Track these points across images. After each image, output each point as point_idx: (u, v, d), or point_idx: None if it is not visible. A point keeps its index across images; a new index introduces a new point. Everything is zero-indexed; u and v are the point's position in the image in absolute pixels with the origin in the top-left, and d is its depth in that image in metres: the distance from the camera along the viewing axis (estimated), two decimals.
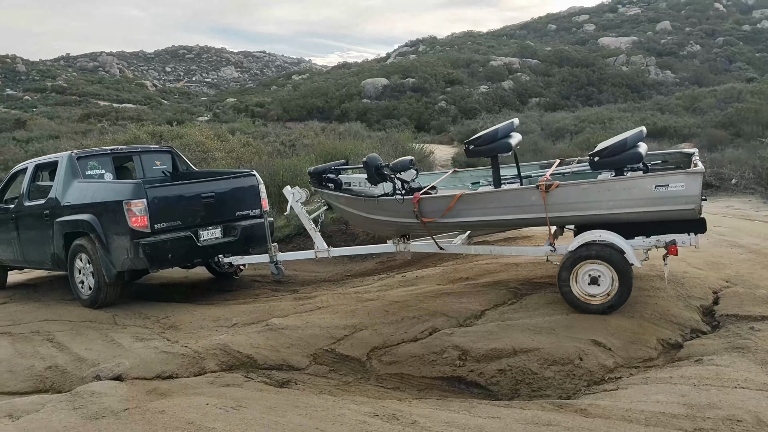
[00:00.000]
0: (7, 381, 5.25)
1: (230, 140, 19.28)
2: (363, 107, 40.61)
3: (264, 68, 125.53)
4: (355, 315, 5.87)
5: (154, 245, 6.86)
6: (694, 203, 4.92)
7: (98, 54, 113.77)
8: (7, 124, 44.46)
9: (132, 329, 6.40)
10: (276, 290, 7.79)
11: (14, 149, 26.85)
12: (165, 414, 3.75)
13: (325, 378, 4.90)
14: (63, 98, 72.52)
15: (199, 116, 47.85)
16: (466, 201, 5.69)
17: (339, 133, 27.41)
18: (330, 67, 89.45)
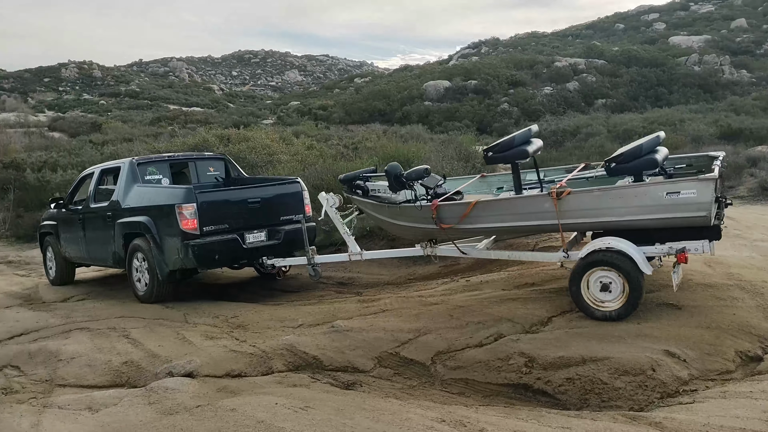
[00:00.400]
0: (87, 375, 5.48)
1: (294, 143, 19.58)
2: (424, 110, 40.56)
3: (327, 71, 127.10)
4: (419, 319, 5.88)
5: (202, 246, 7.29)
6: (706, 210, 4.87)
7: (169, 59, 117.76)
8: (84, 127, 46.53)
9: (202, 328, 6.59)
10: (340, 292, 7.88)
11: (90, 151, 28.04)
12: (236, 412, 3.84)
13: (389, 381, 4.92)
14: (135, 102, 75.36)
15: (264, 119, 48.83)
16: (481, 208, 5.81)
17: (401, 135, 27.45)
18: (392, 69, 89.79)
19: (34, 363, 5.81)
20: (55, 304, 8.44)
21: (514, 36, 77.14)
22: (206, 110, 67.02)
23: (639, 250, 5.12)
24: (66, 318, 7.32)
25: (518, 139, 6.01)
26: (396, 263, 8.95)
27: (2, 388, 5.22)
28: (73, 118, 56.99)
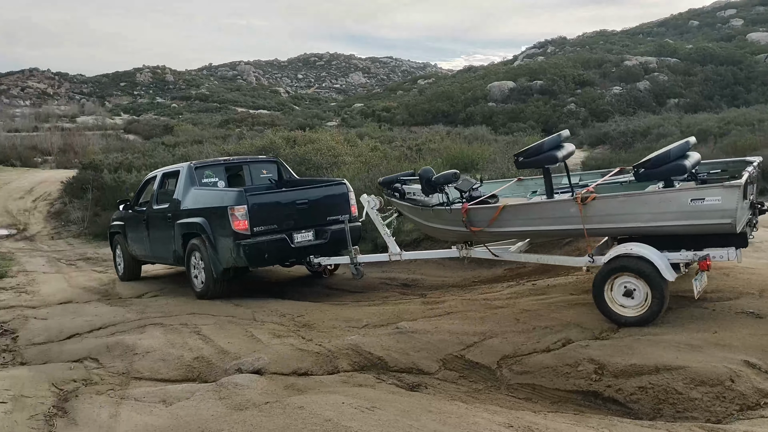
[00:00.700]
0: (161, 368, 5.67)
1: (359, 145, 19.74)
2: (488, 111, 40.15)
3: (390, 73, 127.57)
4: (484, 322, 5.82)
5: (252, 246, 7.63)
6: (731, 217, 4.82)
7: (237, 63, 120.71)
8: (157, 130, 48.27)
9: (269, 326, 6.72)
10: (404, 294, 7.89)
11: (163, 153, 29.04)
12: (304, 410, 3.90)
13: (454, 384, 4.90)
14: (205, 105, 77.60)
15: (328, 121, 49.44)
16: (509, 212, 5.98)
17: (464, 136, 27.27)
18: (455, 70, 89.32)
19: (112, 356, 6.06)
20: (131, 299, 8.79)
21: (582, 35, 75.37)
22: (272, 113, 68.39)
23: (662, 256, 5.12)
24: (141, 314, 7.61)
25: (547, 144, 6.08)
26: (460, 265, 8.90)
27: (82, 379, 5.46)
28: (147, 121, 59.22)
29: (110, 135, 47.70)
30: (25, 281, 10.70)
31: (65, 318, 7.67)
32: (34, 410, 4.57)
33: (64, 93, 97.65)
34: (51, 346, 6.65)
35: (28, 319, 7.76)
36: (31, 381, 5.29)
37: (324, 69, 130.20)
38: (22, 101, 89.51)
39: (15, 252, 15.40)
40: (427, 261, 9.09)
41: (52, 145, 40.20)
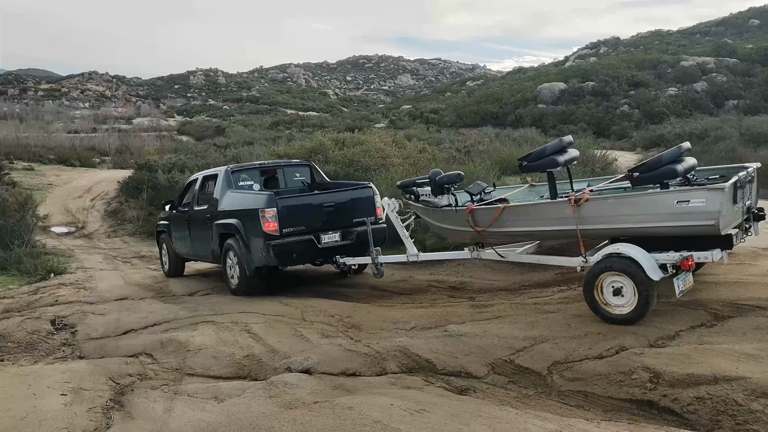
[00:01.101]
0: (212, 366, 5.78)
1: (407, 146, 19.73)
2: (538, 112, 39.64)
3: (439, 75, 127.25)
4: (534, 326, 5.74)
5: (281, 246, 8.03)
6: (714, 219, 5.02)
7: (287, 66, 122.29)
8: (209, 131, 49.30)
9: (318, 326, 6.77)
10: (453, 296, 7.84)
11: (214, 154, 29.63)
12: (353, 410, 3.91)
13: (504, 389, 4.84)
14: (256, 107, 78.82)
15: (376, 123, 49.62)
16: (510, 213, 6.34)
17: (513, 139, 26.97)
18: (505, 72, 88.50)
19: (166, 352, 6.21)
20: (183, 297, 8.98)
21: (636, 35, 73.65)
22: (321, 114, 69.05)
23: (650, 256, 5.32)
24: (193, 311, 7.77)
25: (549, 149, 6.40)
26: (509, 269, 8.78)
27: (138, 374, 5.61)
28: (199, 123, 60.59)
29: (164, 136, 48.95)
30: (83, 277, 11.06)
31: (121, 314, 7.89)
32: (92, 403, 4.71)
33: (121, 95, 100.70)
34: (108, 341, 6.85)
35: (87, 314, 8.01)
36: (89, 374, 5.46)
37: (373, 71, 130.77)
38: (81, 103, 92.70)
39: (74, 249, 15.94)
40: (475, 264, 9.00)
41: (110, 145, 41.50)
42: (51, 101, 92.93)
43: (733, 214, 5.34)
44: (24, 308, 8.57)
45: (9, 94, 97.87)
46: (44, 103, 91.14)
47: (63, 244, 16.82)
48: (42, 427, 4.15)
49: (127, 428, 4.26)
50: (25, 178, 26.69)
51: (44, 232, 18.26)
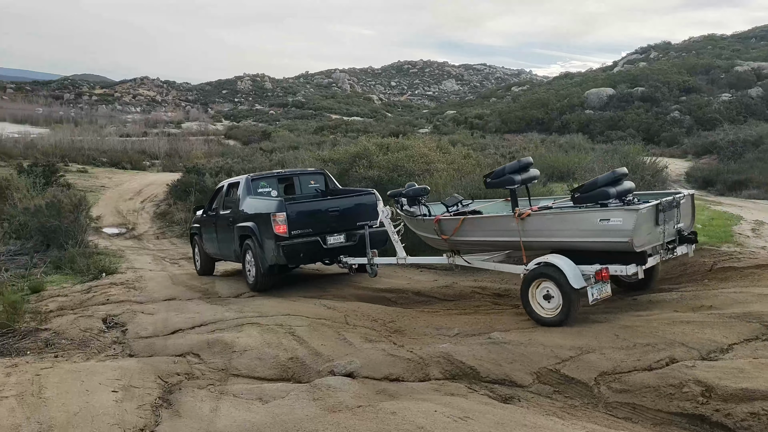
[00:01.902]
0: (257, 367, 5.85)
1: (451, 152, 19.67)
2: (585, 118, 38.99)
3: (484, 80, 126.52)
4: (581, 336, 5.64)
5: (290, 246, 8.80)
6: (628, 237, 5.70)
7: (332, 71, 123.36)
8: (255, 135, 50.07)
9: (361, 330, 6.79)
10: (497, 303, 7.76)
11: (260, 158, 30.07)
12: (396, 416, 3.91)
13: (549, 398, 4.77)
14: (301, 112, 79.66)
15: (420, 128, 49.61)
16: (468, 224, 7.12)
17: (559, 145, 26.63)
18: (551, 77, 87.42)
19: (212, 352, 6.31)
20: (229, 299, 9.13)
21: (687, 39, 71.79)
22: (365, 119, 69.41)
23: (575, 267, 5.97)
24: (239, 312, 7.88)
25: (508, 168, 7.10)
26: None
27: (185, 373, 5.72)
28: (246, 127, 61.60)
29: (212, 140, 49.93)
30: (133, 277, 11.34)
31: (169, 314, 8.06)
32: (141, 400, 4.83)
33: (171, 100, 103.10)
34: (156, 340, 7.00)
35: (136, 313, 8.21)
36: (138, 372, 5.59)
37: (417, 76, 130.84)
38: (133, 108, 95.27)
39: (124, 250, 16.37)
40: None
41: (159, 149, 42.54)
42: (104, 105, 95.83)
43: (654, 234, 6.00)
44: (77, 306, 8.84)
45: (65, 98, 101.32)
46: (98, 107, 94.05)
47: (114, 245, 17.29)
48: (94, 423, 4.26)
49: (176, 426, 4.35)
50: (79, 180, 27.58)
51: (96, 233, 18.83)
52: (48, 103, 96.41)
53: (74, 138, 44.26)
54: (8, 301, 7.68)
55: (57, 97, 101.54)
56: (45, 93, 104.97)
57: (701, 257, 7.51)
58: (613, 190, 6.15)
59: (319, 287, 9.45)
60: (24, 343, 6.78)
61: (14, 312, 7.53)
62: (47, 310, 8.59)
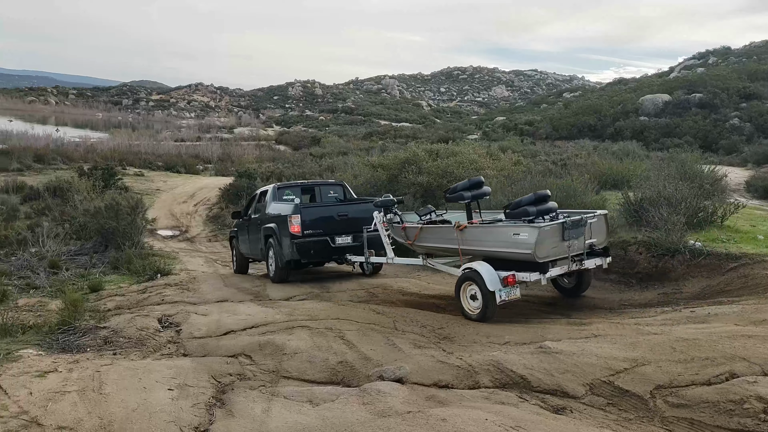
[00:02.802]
0: (307, 370, 5.91)
1: (501, 158, 19.52)
2: (640, 125, 38.16)
3: (534, 86, 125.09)
4: (636, 348, 5.51)
5: (302, 244, 10.15)
6: (531, 249, 6.78)
7: (382, 77, 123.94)
8: (305, 141, 50.70)
9: (410, 336, 6.79)
10: (547, 312, 7.66)
11: (310, 164, 30.45)
12: (446, 422, 3.90)
13: (602, 410, 4.67)
14: (350, 118, 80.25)
15: (469, 134, 49.37)
16: (425, 231, 8.42)
17: (612, 152, 26.10)
18: (604, 83, 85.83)
19: (263, 354, 6.40)
20: (280, 302, 9.25)
21: (748, 44, 69.46)
22: (414, 125, 69.46)
23: (493, 272, 7.03)
24: (289, 315, 7.98)
25: (460, 186, 8.47)
26: (606, 287, 8.51)
27: (237, 374, 5.82)
28: (296, 133, 62.43)
29: (263, 145, 50.78)
30: (186, 279, 11.61)
31: (222, 315, 8.21)
32: (196, 399, 4.93)
33: (224, 106, 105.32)
34: (209, 340, 7.15)
35: (190, 314, 8.40)
36: (193, 371, 5.72)
37: (466, 82, 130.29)
38: (188, 113, 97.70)
39: (178, 252, 16.79)
40: None
41: (212, 154, 43.48)
42: (160, 111, 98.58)
43: (559, 248, 6.99)
44: (134, 306, 9.11)
45: (123, 104, 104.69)
46: (154, 112, 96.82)
47: (168, 247, 17.74)
48: (152, 420, 4.38)
49: (229, 426, 4.43)
50: (135, 183, 28.41)
51: (152, 235, 19.35)
52: (107, 108, 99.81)
53: (132, 142, 45.68)
54: (70, 299, 7.97)
55: (116, 103, 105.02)
56: (105, 99, 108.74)
57: (764, 269, 7.25)
58: (533, 209, 7.23)
59: (368, 292, 9.50)
60: (84, 340, 7.01)
61: (75, 310, 7.81)
62: (106, 308, 8.88)
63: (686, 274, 7.92)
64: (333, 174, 22.07)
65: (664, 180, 10.26)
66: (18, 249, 14.20)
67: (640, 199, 9.33)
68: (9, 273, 11.82)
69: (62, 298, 8.44)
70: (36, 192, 23.15)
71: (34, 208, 20.73)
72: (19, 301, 9.71)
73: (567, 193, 11.12)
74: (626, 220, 9.38)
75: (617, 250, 8.89)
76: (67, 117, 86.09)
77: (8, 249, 14.24)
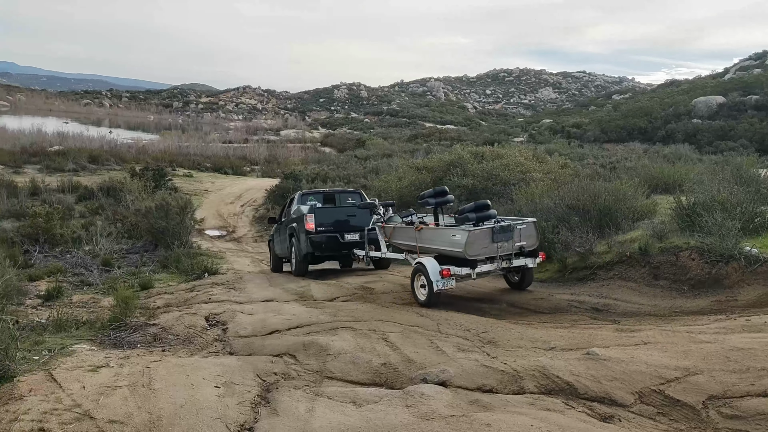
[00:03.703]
0: (351, 371, 5.92)
1: (548, 161, 19.25)
2: (692, 128, 37.15)
3: (582, 88, 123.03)
4: (687, 356, 5.34)
5: (315, 238, 11.71)
6: (461, 248, 8.16)
7: (427, 80, 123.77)
8: (350, 143, 50.96)
9: (454, 339, 6.74)
10: (595, 318, 7.51)
11: (355, 165, 30.59)
12: (491, 428, 3.85)
13: (652, 420, 4.54)
14: (395, 120, 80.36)
15: (515, 137, 48.86)
16: (396, 230, 9.91)
17: (663, 155, 25.47)
18: (655, 85, 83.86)
19: (307, 354, 6.45)
20: (324, 302, 9.31)
21: None
22: (459, 128, 69.11)
23: (437, 266, 8.32)
24: (333, 316, 8.02)
25: (426, 194, 10.18)
26: (656, 293, 8.29)
27: (282, 373, 5.87)
28: (341, 135, 62.85)
29: (308, 147, 51.30)
30: (233, 278, 11.81)
31: (267, 315, 8.32)
32: (242, 397, 5.00)
33: (270, 108, 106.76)
34: (255, 339, 7.24)
35: (236, 313, 8.53)
36: (239, 370, 5.80)
37: (513, 84, 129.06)
38: (235, 115, 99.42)
39: (225, 251, 17.08)
40: (620, 286, 8.62)
41: (259, 155, 44.12)
42: (209, 113, 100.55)
43: (489, 248, 8.34)
44: (182, 304, 9.30)
45: (174, 106, 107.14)
46: (203, 114, 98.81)
47: (215, 246, 18.06)
48: (199, 416, 4.46)
49: (273, 424, 4.47)
50: (184, 183, 29.04)
51: (199, 235, 19.74)
52: (158, 110, 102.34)
53: (181, 144, 46.71)
54: (122, 296, 8.19)
55: (167, 105, 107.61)
56: (156, 101, 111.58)
57: None
58: (473, 215, 8.80)
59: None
60: (135, 337, 7.19)
61: (126, 307, 8.02)
62: (155, 306, 9.09)
63: (741, 281, 7.66)
64: (378, 176, 22.13)
65: (718, 184, 9.94)
66: (73, 247, 14.68)
67: (693, 204, 9.05)
68: (64, 270, 12.21)
69: (114, 296, 8.67)
70: (90, 192, 23.92)
71: (88, 208, 21.42)
72: (73, 297, 10.02)
73: (616, 197, 10.88)
74: (678, 224, 9.12)
75: (668, 256, 8.65)
76: (120, 119, 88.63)
77: (64, 247, 14.72)
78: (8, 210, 18.85)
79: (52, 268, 12.21)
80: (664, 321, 7.08)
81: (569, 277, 9.61)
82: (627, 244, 9.40)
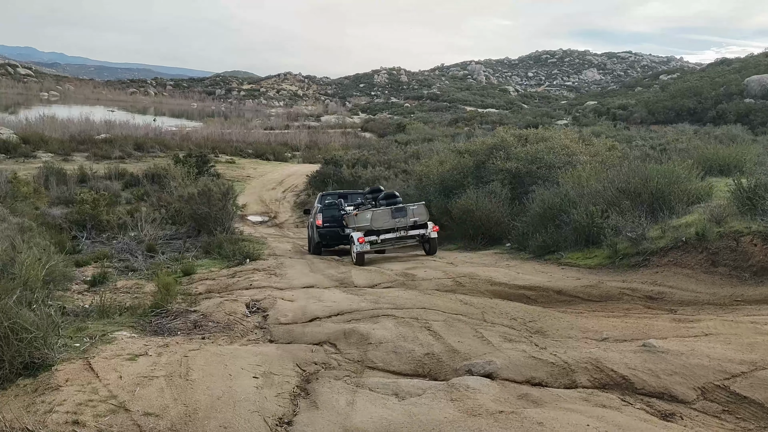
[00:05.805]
0: (393, 361, 5.71)
1: (594, 144, 18.64)
2: (744, 108, 35.69)
3: (628, 69, 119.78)
4: (753, 349, 4.99)
5: (322, 231, 14.61)
6: (367, 223, 12.22)
7: (468, 63, 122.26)
8: (391, 128, 50.66)
9: (500, 328, 6.49)
10: (650, 307, 7.15)
11: (395, 150, 30.28)
12: (544, 426, 3.61)
13: (717, 418, 4.23)
14: (436, 104, 79.66)
15: (559, 120, 47.83)
16: (349, 217, 13.24)
17: (715, 136, 24.52)
18: (704, 64, 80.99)
19: (348, 343, 6.27)
20: (365, 289, 9.14)
21: None
22: (501, 111, 68.09)
23: (359, 237, 11.93)
24: (374, 303, 7.83)
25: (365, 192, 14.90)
26: (714, 281, 7.87)
27: (322, 363, 5.71)
28: (382, 120, 62.55)
29: (349, 133, 51.20)
30: (274, 264, 11.73)
31: (308, 302, 8.17)
32: (281, 388, 4.85)
33: (311, 94, 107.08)
34: (295, 327, 7.10)
35: (277, 299, 8.40)
36: (278, 359, 5.66)
37: (556, 66, 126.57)
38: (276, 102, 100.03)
39: (266, 237, 17.08)
40: (676, 273, 8.20)
41: (300, 141, 44.20)
42: (251, 100, 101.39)
43: (389, 222, 12.25)
44: (223, 290, 9.24)
45: (216, 94, 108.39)
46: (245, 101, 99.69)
47: (257, 232, 18.09)
48: (236, 409, 4.32)
49: (313, 418, 4.31)
50: (227, 170, 29.23)
51: (242, 220, 19.80)
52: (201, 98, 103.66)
53: (224, 131, 47.14)
54: (163, 282, 8.15)
55: (209, 93, 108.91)
56: (199, 89, 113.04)
57: None
58: (384, 202, 12.92)
59: (455, 281, 9.24)
60: (175, 323, 7.13)
61: (168, 293, 7.98)
62: (197, 292, 9.04)
63: None
64: (419, 160, 21.83)
65: None
66: (119, 233, 14.85)
67: (754, 186, 8.53)
68: (110, 256, 12.33)
69: (156, 281, 8.66)
70: (136, 178, 24.26)
71: (133, 194, 21.72)
72: (117, 282, 10.07)
73: (669, 180, 10.38)
74: (738, 208, 8.62)
75: (728, 241, 8.18)
76: (165, 107, 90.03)
77: (110, 233, 14.90)
78: (58, 197, 19.23)
79: (99, 253, 12.34)
80: (725, 310, 6.69)
81: (620, 264, 9.20)
82: (682, 229, 8.94)
